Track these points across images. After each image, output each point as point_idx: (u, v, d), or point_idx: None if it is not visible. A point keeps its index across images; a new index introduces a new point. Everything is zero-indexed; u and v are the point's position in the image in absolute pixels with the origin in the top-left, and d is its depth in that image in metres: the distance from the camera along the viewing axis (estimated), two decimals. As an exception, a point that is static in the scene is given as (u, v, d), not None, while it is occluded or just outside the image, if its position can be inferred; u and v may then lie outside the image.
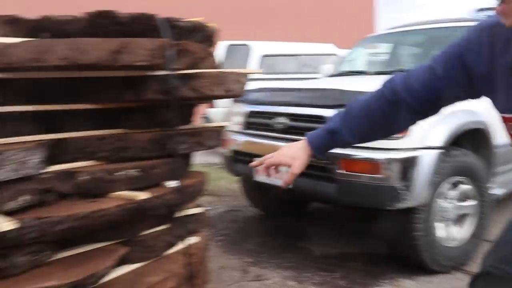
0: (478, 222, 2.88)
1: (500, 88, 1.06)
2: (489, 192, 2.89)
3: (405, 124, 1.30)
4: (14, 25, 1.66)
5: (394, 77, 1.24)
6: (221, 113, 5.83)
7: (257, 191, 3.68)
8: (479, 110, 2.76)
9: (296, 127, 2.88)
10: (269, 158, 1.33)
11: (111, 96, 1.76)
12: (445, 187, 2.66)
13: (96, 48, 1.50)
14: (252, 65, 5.41)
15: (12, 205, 1.50)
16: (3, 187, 1.48)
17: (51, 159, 1.71)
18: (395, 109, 1.21)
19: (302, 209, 4.02)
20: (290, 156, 1.31)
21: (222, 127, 2.03)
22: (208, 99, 1.93)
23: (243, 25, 11.16)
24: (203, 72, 1.79)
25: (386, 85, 1.25)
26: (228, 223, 3.79)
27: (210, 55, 1.85)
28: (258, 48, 5.52)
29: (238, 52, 5.68)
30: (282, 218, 3.91)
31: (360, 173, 2.49)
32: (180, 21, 1.78)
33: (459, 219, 2.81)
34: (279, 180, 2.97)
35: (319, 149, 1.31)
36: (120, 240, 1.89)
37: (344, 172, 2.54)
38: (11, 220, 1.43)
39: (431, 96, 1.17)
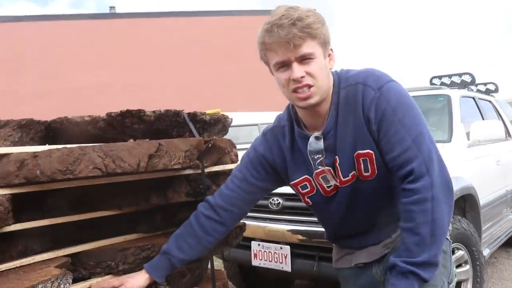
0: (474, 286, 2.90)
1: (289, 164, 1.41)
2: (481, 254, 2.94)
3: (224, 230, 1.50)
4: (28, 128, 1.48)
5: (208, 196, 1.51)
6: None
7: (242, 274, 3.48)
8: (466, 175, 2.86)
9: (291, 207, 2.81)
10: (112, 281, 1.43)
11: (135, 200, 1.59)
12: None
13: (131, 154, 1.35)
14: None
15: None
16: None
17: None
18: (213, 221, 1.45)
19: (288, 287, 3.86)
20: (126, 280, 1.42)
21: (243, 223, 1.89)
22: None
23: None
24: (227, 168, 1.68)
25: (201, 203, 1.50)
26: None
27: (234, 148, 1.76)
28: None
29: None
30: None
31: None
32: (204, 115, 1.69)
33: (457, 286, 2.81)
34: (276, 264, 2.86)
35: (156, 271, 1.44)
36: None
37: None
38: None
39: (240, 195, 1.45)
